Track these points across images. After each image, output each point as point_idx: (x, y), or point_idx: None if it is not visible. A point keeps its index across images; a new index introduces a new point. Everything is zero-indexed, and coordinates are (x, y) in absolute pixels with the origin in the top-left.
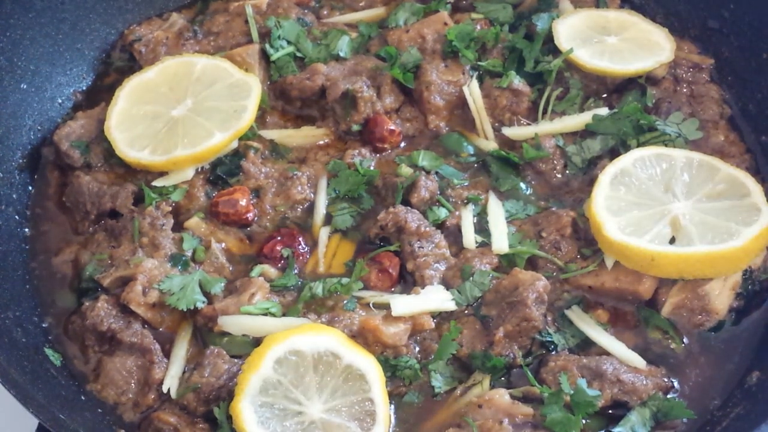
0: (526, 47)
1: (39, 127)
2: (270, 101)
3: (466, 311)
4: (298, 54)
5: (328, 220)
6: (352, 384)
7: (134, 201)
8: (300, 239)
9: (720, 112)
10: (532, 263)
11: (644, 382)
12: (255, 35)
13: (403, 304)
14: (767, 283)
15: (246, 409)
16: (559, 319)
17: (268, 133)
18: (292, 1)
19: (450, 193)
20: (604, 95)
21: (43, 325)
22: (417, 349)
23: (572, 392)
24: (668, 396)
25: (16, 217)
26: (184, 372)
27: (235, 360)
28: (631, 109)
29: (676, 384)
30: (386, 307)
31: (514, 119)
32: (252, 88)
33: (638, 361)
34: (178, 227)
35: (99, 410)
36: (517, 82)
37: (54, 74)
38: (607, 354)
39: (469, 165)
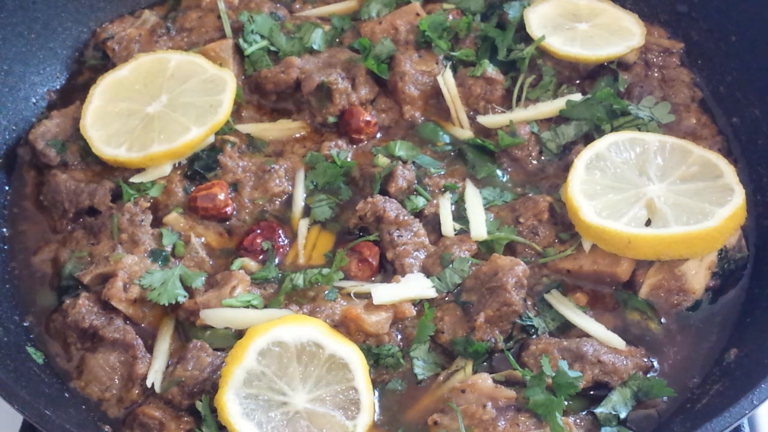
0: (498, 36)
1: (14, 127)
2: (245, 95)
3: (446, 298)
4: (272, 48)
5: (307, 212)
6: (335, 373)
7: (112, 198)
8: (279, 232)
9: (691, 96)
10: (510, 249)
11: (624, 363)
12: (228, 30)
13: (384, 292)
14: (742, 261)
15: (231, 401)
16: (539, 303)
17: (245, 127)
18: None
19: (427, 182)
20: (577, 81)
21: (24, 324)
22: (399, 337)
23: (554, 374)
24: (648, 375)
25: None
26: (167, 366)
27: (219, 353)
28: (603, 95)
29: (655, 363)
30: (367, 296)
31: (488, 107)
32: (227, 82)
33: (618, 342)
34: (156, 223)
35: (83, 407)
36: (491, 70)
37: (27, 74)
38: (587, 336)
39: (445, 154)
